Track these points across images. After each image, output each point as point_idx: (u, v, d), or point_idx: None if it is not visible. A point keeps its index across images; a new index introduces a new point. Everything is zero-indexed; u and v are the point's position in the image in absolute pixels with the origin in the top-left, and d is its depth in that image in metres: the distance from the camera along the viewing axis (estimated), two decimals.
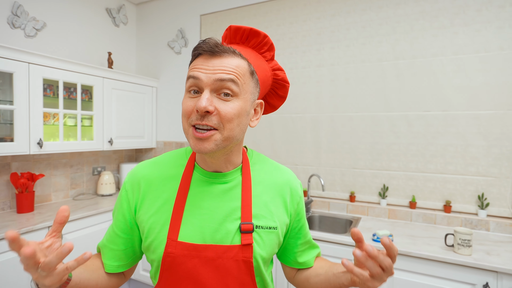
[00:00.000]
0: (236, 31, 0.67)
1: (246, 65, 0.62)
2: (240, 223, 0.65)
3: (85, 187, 2.64)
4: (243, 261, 0.64)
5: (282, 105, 0.75)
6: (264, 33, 0.67)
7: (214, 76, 0.58)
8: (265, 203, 0.69)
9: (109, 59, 2.64)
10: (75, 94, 2.30)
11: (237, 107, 0.60)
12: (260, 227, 0.66)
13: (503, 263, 1.35)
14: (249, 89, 0.62)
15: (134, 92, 2.72)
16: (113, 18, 2.83)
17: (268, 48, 0.69)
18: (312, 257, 0.80)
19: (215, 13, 2.69)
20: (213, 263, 0.63)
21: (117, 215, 0.72)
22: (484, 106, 1.81)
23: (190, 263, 0.63)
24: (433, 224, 1.91)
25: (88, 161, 2.67)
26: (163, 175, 0.70)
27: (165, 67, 2.95)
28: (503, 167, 1.78)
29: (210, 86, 0.58)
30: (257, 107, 0.68)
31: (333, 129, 2.23)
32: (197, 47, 0.61)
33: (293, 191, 0.74)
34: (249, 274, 0.65)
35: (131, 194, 0.70)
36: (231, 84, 0.58)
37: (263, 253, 0.66)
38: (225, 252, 0.63)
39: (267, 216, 0.68)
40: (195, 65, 0.61)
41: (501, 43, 1.77)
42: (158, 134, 2.98)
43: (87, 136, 2.40)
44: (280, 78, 0.72)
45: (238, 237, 0.64)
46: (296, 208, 0.75)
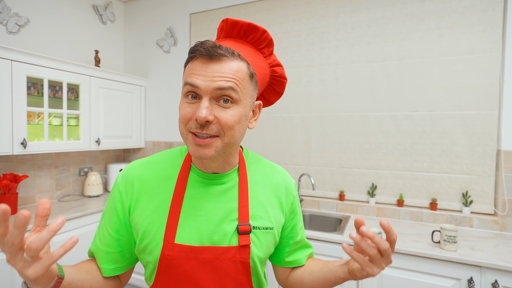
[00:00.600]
0: (233, 25, 0.64)
1: (245, 68, 0.60)
2: (237, 224, 0.65)
3: (71, 188, 2.58)
4: (240, 262, 0.64)
5: (278, 100, 0.75)
6: (263, 28, 0.64)
7: (214, 84, 0.56)
8: (262, 203, 0.69)
9: (96, 57, 2.58)
10: (60, 93, 2.23)
11: (237, 114, 0.58)
12: (257, 227, 0.66)
13: (486, 258, 1.40)
14: (248, 93, 0.61)
15: (122, 91, 2.67)
16: (100, 15, 2.77)
17: (267, 44, 0.66)
18: (303, 255, 0.79)
19: (205, 12, 2.67)
20: (210, 265, 0.63)
21: (111, 216, 0.69)
22: (468, 106, 1.87)
23: (188, 265, 0.62)
24: (420, 222, 1.96)
25: (75, 162, 2.60)
26: (158, 176, 0.69)
27: (154, 66, 2.91)
28: (486, 166, 1.84)
29: (210, 94, 0.56)
30: (256, 108, 0.67)
31: (323, 128, 2.26)
32: (194, 49, 0.58)
33: (287, 191, 0.75)
34: (246, 275, 0.65)
35: (125, 194, 0.68)
36: (231, 92, 0.57)
37: (260, 254, 0.66)
38: (223, 253, 0.63)
39: (263, 216, 0.68)
40: (193, 69, 0.58)
41: (484, 46, 1.83)
42: (147, 134, 2.94)
43: (74, 136, 2.34)
44: (278, 74, 0.71)
45: (236, 238, 0.64)
46: (290, 207, 0.75)
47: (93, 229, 2.17)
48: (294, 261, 0.78)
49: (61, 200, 2.40)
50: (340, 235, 1.72)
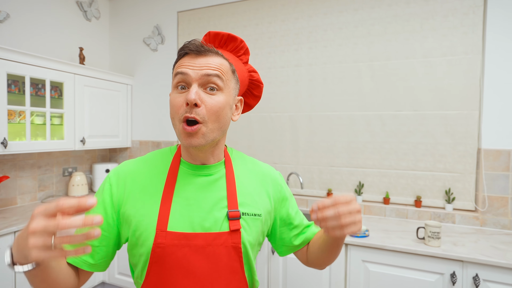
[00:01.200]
0: (215, 36, 0.74)
1: (227, 64, 0.68)
2: (227, 210, 0.68)
3: (55, 189, 2.51)
4: (232, 247, 0.67)
5: (257, 104, 0.84)
6: (240, 38, 0.75)
7: (201, 71, 0.63)
8: (249, 192, 0.74)
9: (80, 54, 2.52)
10: (43, 91, 2.17)
11: (222, 100, 0.65)
12: (246, 214, 0.70)
13: (468, 253, 1.45)
14: (231, 85, 0.69)
15: (108, 90, 2.61)
16: (85, 11, 2.70)
17: (244, 52, 0.76)
18: (310, 233, 0.82)
19: (192, 10, 2.64)
20: (203, 251, 0.65)
21: (96, 208, 0.69)
22: (451, 106, 1.93)
23: (180, 252, 0.64)
24: (405, 219, 2.01)
25: (58, 162, 2.53)
26: (150, 171, 0.72)
27: (141, 64, 2.87)
28: (467, 164, 1.90)
29: (198, 81, 0.64)
30: (238, 103, 0.74)
31: (311, 128, 2.28)
32: (183, 47, 0.66)
33: (273, 181, 0.80)
34: (238, 261, 0.68)
35: (116, 188, 0.69)
36: (216, 79, 0.64)
37: (250, 239, 0.70)
38: (215, 239, 0.66)
39: (251, 204, 0.72)
40: (182, 63, 0.65)
41: (465, 48, 1.89)
42: (134, 133, 2.89)
43: (57, 135, 2.27)
44: (255, 79, 0.80)
45: (226, 224, 0.67)
46: (279, 195, 0.79)
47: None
48: (303, 242, 0.82)
49: (44, 201, 2.33)
50: None
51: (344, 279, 1.66)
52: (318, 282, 1.71)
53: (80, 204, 0.45)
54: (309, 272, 1.75)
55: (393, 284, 1.55)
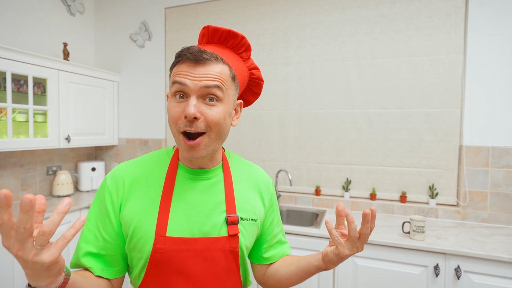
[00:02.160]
0: (214, 32, 0.69)
1: (228, 70, 0.65)
2: (226, 215, 0.69)
3: (39, 188, 2.44)
4: (230, 251, 0.68)
5: (256, 100, 0.81)
6: (241, 34, 0.70)
7: (200, 83, 0.61)
8: (246, 197, 0.74)
9: (64, 50, 2.45)
10: (25, 87, 2.10)
11: (222, 111, 0.63)
12: (244, 219, 0.71)
13: (450, 246, 1.50)
14: (231, 93, 0.66)
15: (94, 86, 2.56)
16: (68, 6, 2.63)
17: (245, 49, 0.72)
18: (280, 251, 0.83)
19: (180, 7, 2.62)
20: (202, 255, 0.65)
21: (103, 219, 0.67)
22: (434, 104, 1.99)
23: (179, 257, 0.64)
24: (391, 214, 2.07)
25: (42, 160, 2.46)
26: (147, 174, 0.70)
27: (127, 61, 2.81)
28: (450, 160, 1.97)
29: (197, 92, 0.61)
30: (237, 107, 0.72)
31: (300, 125, 2.30)
32: (181, 54, 0.63)
33: (267, 187, 0.81)
34: (235, 263, 0.68)
35: (115, 195, 0.68)
36: (216, 90, 0.62)
37: (247, 243, 0.71)
38: (214, 243, 0.66)
39: (249, 209, 0.73)
40: (180, 70, 0.62)
41: (448, 48, 1.95)
42: (121, 131, 2.84)
43: (41, 133, 2.21)
44: (256, 76, 0.77)
45: (225, 229, 0.68)
46: (269, 203, 0.80)
47: (63, 230, 2.07)
48: (271, 257, 0.82)
49: None
50: (317, 229, 1.77)
51: (332, 273, 1.69)
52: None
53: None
54: None
55: (380, 278, 1.59)
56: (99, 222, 0.68)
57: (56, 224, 0.42)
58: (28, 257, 0.42)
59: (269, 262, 0.83)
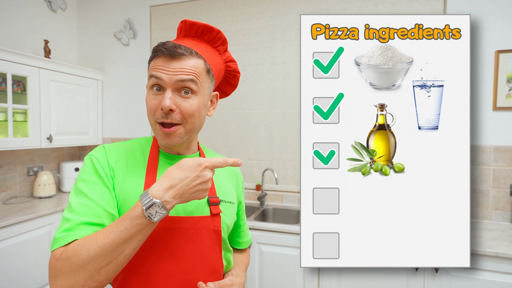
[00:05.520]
0: (191, 26, 0.72)
1: (202, 64, 0.68)
2: (208, 196, 0.72)
3: (19, 189, 2.37)
4: (213, 230, 0.71)
5: (233, 91, 0.86)
6: (217, 29, 0.73)
7: (175, 77, 0.64)
8: (223, 183, 0.80)
9: (45, 47, 2.39)
10: (4, 85, 2.04)
11: (196, 103, 0.67)
12: (223, 201, 0.76)
13: None
14: (206, 85, 0.69)
15: (77, 85, 2.51)
16: (49, 2, 2.56)
17: (221, 43, 0.75)
18: (249, 238, 0.94)
19: (166, 5, 2.60)
20: (187, 234, 0.68)
21: (97, 187, 0.63)
22: None
23: (165, 235, 0.66)
24: None
25: (22, 161, 2.40)
26: (128, 158, 0.71)
27: (112, 59, 2.77)
28: None
29: (172, 86, 0.64)
30: (213, 98, 0.76)
31: (286, 124, 2.33)
32: (157, 49, 0.66)
33: (239, 181, 0.87)
34: (217, 243, 0.72)
35: (105, 163, 0.67)
36: (190, 83, 0.65)
37: (228, 223, 0.76)
38: (198, 222, 0.69)
39: (226, 192, 0.79)
40: (156, 65, 0.65)
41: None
42: (105, 131, 2.80)
43: (21, 132, 2.15)
44: (232, 69, 0.80)
45: (208, 209, 0.72)
46: (239, 196, 0.86)
47: (45, 232, 2.02)
48: (246, 242, 0.93)
49: (6, 203, 2.20)
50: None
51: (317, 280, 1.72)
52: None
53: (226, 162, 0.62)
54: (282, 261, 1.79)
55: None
56: (93, 191, 0.62)
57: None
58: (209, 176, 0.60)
59: (245, 247, 0.92)
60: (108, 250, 0.52)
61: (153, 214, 0.54)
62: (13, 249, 1.82)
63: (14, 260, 1.82)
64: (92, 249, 0.52)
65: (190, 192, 0.58)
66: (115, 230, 0.54)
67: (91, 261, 0.52)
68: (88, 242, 0.54)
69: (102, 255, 0.52)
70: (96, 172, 0.65)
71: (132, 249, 0.55)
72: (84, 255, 0.52)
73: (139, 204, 0.55)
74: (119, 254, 0.54)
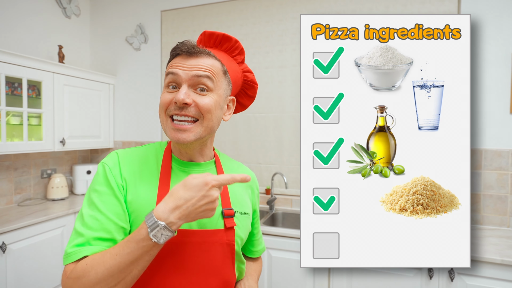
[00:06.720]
0: (210, 36, 0.73)
1: (219, 65, 0.68)
2: (222, 209, 0.70)
3: (33, 191, 2.42)
4: (227, 244, 0.69)
5: (251, 104, 0.84)
6: (235, 38, 0.74)
7: (191, 72, 0.64)
8: (239, 192, 0.77)
9: (59, 52, 2.44)
10: (20, 90, 2.09)
11: (213, 100, 0.66)
12: (238, 212, 0.73)
13: None
14: (222, 86, 0.69)
15: (89, 89, 2.55)
16: (64, 8, 2.62)
17: (239, 52, 0.76)
18: (263, 247, 0.91)
19: (176, 10, 2.62)
20: (199, 248, 0.66)
21: (107, 199, 0.63)
22: None
23: (178, 249, 0.64)
24: None
25: (36, 163, 2.45)
26: (142, 165, 0.70)
27: (123, 64, 2.81)
28: None
29: (188, 81, 0.64)
30: (230, 103, 0.75)
31: (295, 128, 2.31)
32: (175, 48, 0.67)
33: (255, 188, 0.85)
34: (230, 257, 0.70)
35: (117, 173, 0.65)
36: (206, 80, 0.65)
37: (242, 235, 0.73)
38: (211, 236, 0.67)
39: (242, 203, 0.76)
40: (174, 63, 0.66)
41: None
42: (116, 134, 2.84)
43: (35, 136, 2.20)
44: (249, 79, 0.80)
45: (222, 222, 0.70)
46: (254, 204, 0.84)
47: (58, 234, 2.06)
48: (259, 250, 0.89)
49: (21, 205, 2.25)
50: None
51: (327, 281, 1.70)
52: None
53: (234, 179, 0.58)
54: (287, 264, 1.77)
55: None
56: (101, 203, 0.62)
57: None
58: (216, 195, 0.57)
59: (258, 256, 0.89)
60: (115, 272, 0.53)
61: (159, 236, 0.53)
62: (27, 250, 1.85)
63: (28, 261, 1.85)
64: (100, 271, 0.53)
65: (196, 212, 0.55)
66: (121, 253, 0.54)
67: (99, 282, 0.53)
68: (96, 264, 0.54)
69: (110, 277, 0.53)
70: (108, 183, 0.64)
71: (139, 269, 0.55)
72: (92, 276, 0.53)
73: (144, 226, 0.54)
74: (126, 275, 0.54)
